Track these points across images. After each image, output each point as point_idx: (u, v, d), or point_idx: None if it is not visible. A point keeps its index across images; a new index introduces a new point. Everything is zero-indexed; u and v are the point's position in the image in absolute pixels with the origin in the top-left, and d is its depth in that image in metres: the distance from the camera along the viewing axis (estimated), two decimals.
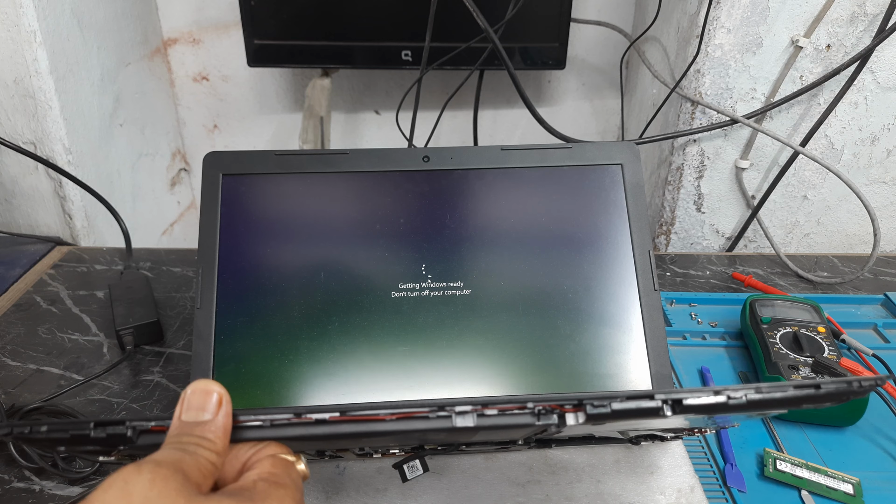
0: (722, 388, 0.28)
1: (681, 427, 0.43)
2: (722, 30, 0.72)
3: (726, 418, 0.38)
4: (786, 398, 0.28)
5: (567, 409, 0.29)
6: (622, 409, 0.28)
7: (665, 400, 0.28)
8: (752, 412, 0.31)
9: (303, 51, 0.90)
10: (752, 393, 0.28)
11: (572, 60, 1.03)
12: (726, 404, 0.28)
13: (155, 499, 0.22)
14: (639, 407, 0.28)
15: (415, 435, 0.31)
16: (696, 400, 0.28)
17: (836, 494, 0.48)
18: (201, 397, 0.27)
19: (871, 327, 0.68)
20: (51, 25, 0.75)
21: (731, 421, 0.39)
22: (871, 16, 0.70)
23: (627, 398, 0.28)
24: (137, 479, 0.22)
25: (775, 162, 0.80)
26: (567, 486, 0.49)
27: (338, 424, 0.28)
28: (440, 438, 0.34)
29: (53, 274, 0.75)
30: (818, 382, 0.28)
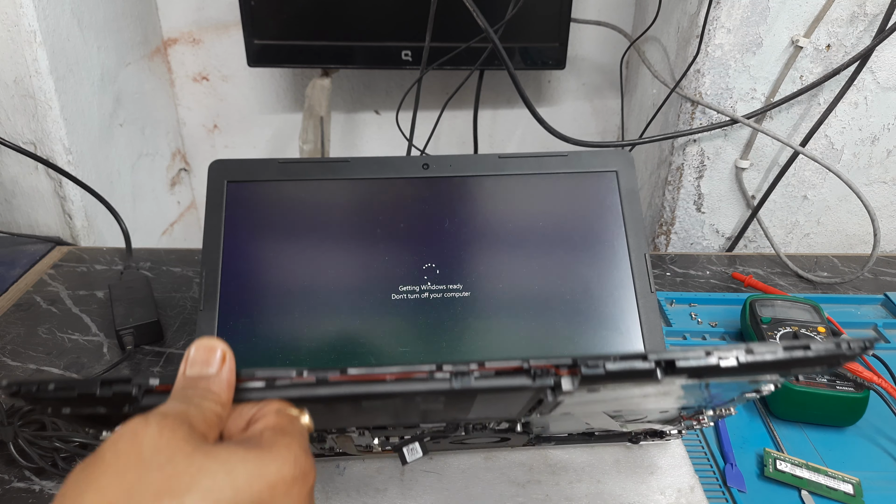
0: (713, 348, 0.28)
1: (676, 414, 0.43)
2: (722, 30, 0.72)
3: (722, 398, 0.38)
4: (777, 361, 0.28)
5: (562, 371, 0.29)
6: (616, 369, 0.28)
7: (658, 361, 0.28)
8: (745, 376, 0.31)
9: (303, 51, 0.90)
10: (742, 354, 0.28)
11: (572, 60, 1.03)
12: (717, 366, 0.28)
13: (164, 447, 0.22)
14: (632, 368, 0.28)
15: (415, 403, 0.31)
16: (688, 362, 0.28)
17: (836, 494, 0.48)
18: (205, 353, 0.28)
19: (871, 327, 0.68)
20: (51, 25, 0.75)
21: (725, 399, 0.39)
22: (871, 16, 0.70)
23: (621, 359, 0.28)
24: (146, 430, 0.23)
25: (775, 162, 0.80)
26: (567, 486, 0.49)
27: (339, 385, 0.28)
28: (439, 411, 0.33)
29: (53, 274, 0.75)
30: (808, 343, 0.28)
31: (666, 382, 0.29)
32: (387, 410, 0.33)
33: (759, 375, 0.32)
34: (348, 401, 0.29)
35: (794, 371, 0.31)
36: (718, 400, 0.39)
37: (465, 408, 0.33)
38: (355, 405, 0.31)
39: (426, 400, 0.31)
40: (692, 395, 0.34)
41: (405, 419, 0.36)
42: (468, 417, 0.36)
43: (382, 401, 0.30)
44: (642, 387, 0.30)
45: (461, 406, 0.33)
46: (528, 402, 0.33)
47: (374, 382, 0.28)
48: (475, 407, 0.33)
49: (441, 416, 0.35)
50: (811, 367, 0.31)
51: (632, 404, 0.38)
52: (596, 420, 0.43)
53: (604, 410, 0.39)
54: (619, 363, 0.28)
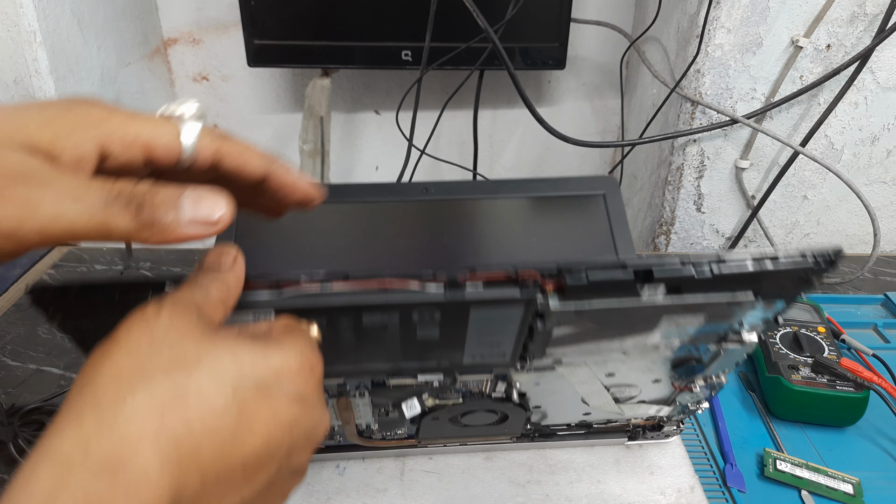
0: (686, 258, 0.31)
1: (669, 390, 0.44)
2: (722, 30, 0.72)
3: (705, 349, 0.39)
4: (747, 273, 0.31)
5: (548, 283, 0.31)
6: (597, 279, 0.31)
7: (636, 270, 0.31)
8: (721, 293, 0.33)
9: (303, 51, 0.90)
10: (716, 265, 0.31)
11: (572, 60, 1.03)
12: (693, 277, 0.31)
13: (174, 330, 0.24)
14: (612, 278, 0.31)
15: (412, 329, 0.32)
16: (664, 271, 0.31)
17: (836, 494, 0.48)
18: (218, 255, 0.28)
19: (871, 327, 0.68)
20: (51, 25, 0.75)
21: (709, 352, 0.40)
22: (871, 16, 0.70)
23: (601, 267, 0.31)
24: (158, 314, 0.24)
25: (775, 162, 0.80)
26: (567, 486, 0.49)
27: (343, 296, 0.30)
28: (435, 344, 0.35)
29: (53, 274, 0.75)
30: (775, 255, 0.31)
31: (646, 296, 0.32)
32: (386, 341, 0.34)
33: (736, 291, 0.33)
34: (350, 314, 0.30)
35: (767, 288, 0.33)
36: (702, 350, 0.39)
37: (460, 339, 0.34)
38: (357, 329, 0.32)
39: (422, 322, 0.32)
40: (674, 337, 0.36)
41: (404, 356, 0.36)
42: (463, 362, 0.37)
43: (382, 315, 0.31)
44: (629, 318, 0.33)
45: (455, 335, 0.34)
46: (519, 330, 0.34)
47: (375, 292, 0.30)
48: (468, 343, 0.34)
49: (437, 353, 0.36)
50: (784, 285, 0.33)
51: (622, 364, 0.39)
52: (592, 394, 0.43)
53: (598, 376, 0.40)
54: (600, 271, 0.31)
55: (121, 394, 0.21)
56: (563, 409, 0.47)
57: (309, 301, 0.30)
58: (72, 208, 0.22)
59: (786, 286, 0.33)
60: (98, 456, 0.20)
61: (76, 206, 0.22)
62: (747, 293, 0.33)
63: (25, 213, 0.22)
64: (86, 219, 0.23)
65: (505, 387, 0.42)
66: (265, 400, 0.24)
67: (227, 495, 0.23)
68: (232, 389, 0.23)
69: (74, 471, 0.20)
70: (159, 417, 0.21)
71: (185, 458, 0.21)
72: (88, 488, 0.20)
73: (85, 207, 0.23)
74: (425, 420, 0.45)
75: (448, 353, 0.36)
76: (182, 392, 0.22)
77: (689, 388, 0.44)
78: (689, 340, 0.37)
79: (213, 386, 0.23)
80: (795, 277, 0.32)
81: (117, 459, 0.20)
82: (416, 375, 0.39)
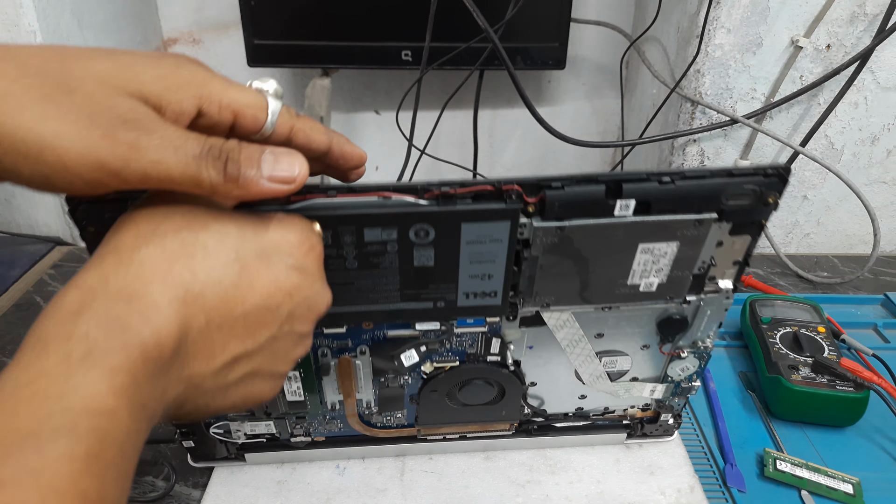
0: (652, 172, 0.35)
1: (661, 366, 0.46)
2: (722, 30, 0.72)
3: (688, 305, 0.42)
4: (706, 185, 0.35)
5: (529, 197, 0.35)
6: (574, 192, 0.34)
7: (607, 182, 0.34)
8: (687, 214, 0.36)
9: (303, 51, 0.90)
10: (678, 178, 0.35)
11: (572, 60, 1.03)
12: (658, 188, 0.35)
13: (188, 203, 0.27)
14: (586, 190, 0.34)
15: (409, 252, 0.35)
16: (631, 185, 0.35)
17: (836, 494, 0.48)
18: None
19: (871, 327, 0.68)
20: (51, 25, 0.75)
21: (688, 314, 0.42)
22: (871, 16, 0.70)
23: (576, 182, 0.34)
24: (174, 193, 0.27)
25: (775, 162, 0.80)
26: (567, 486, 0.49)
27: (345, 206, 0.33)
28: (431, 273, 0.37)
29: (53, 274, 0.75)
30: (730, 170, 0.35)
31: (619, 211, 0.35)
32: (386, 273, 0.36)
33: (702, 222, 0.36)
34: (353, 227, 0.34)
35: (728, 209, 0.36)
36: (684, 307, 0.42)
37: (453, 270, 0.37)
38: (359, 249, 0.35)
39: (419, 243, 0.35)
40: (651, 272, 0.39)
41: (403, 296, 0.38)
42: (457, 304, 0.39)
43: (382, 231, 0.34)
44: (606, 231, 0.36)
45: (449, 264, 0.36)
46: (507, 258, 0.36)
47: (376, 204, 0.33)
48: (461, 276, 0.37)
49: (433, 288, 0.38)
50: (744, 206, 0.36)
51: (609, 326, 0.42)
52: (583, 362, 0.45)
53: (586, 337, 0.43)
54: (575, 184, 0.34)
55: (137, 245, 0.25)
56: (558, 392, 0.47)
57: (316, 211, 0.32)
58: (172, 156, 0.25)
59: (746, 207, 0.36)
60: (116, 287, 0.24)
61: (175, 155, 0.25)
62: (711, 214, 0.36)
63: (132, 156, 0.24)
64: (182, 167, 0.25)
65: (499, 346, 0.43)
66: (265, 264, 0.27)
67: (231, 342, 0.27)
68: (235, 251, 0.27)
69: (97, 296, 0.23)
70: (168, 264, 0.25)
71: (191, 299, 0.25)
72: (108, 311, 0.23)
73: (182, 157, 0.25)
74: (424, 394, 0.46)
75: (443, 289, 0.38)
76: (189, 247, 0.26)
77: (677, 354, 0.45)
78: (667, 279, 0.39)
79: (217, 245, 0.26)
80: (753, 196, 0.36)
81: (132, 291, 0.24)
82: (414, 325, 0.41)
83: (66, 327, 0.22)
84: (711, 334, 0.44)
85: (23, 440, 0.20)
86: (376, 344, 0.43)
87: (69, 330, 0.22)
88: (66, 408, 0.20)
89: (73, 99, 0.24)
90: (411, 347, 0.43)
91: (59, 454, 0.20)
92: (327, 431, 0.49)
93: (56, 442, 0.20)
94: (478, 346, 0.44)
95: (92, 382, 0.21)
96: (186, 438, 0.47)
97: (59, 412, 0.20)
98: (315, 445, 0.50)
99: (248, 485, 0.49)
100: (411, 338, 0.42)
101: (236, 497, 0.48)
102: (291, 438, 0.49)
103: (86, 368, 0.21)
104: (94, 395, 0.21)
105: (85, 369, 0.21)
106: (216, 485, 0.49)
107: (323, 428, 0.48)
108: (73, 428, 0.20)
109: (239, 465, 0.50)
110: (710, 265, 0.40)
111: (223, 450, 0.49)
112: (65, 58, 0.25)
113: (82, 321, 0.23)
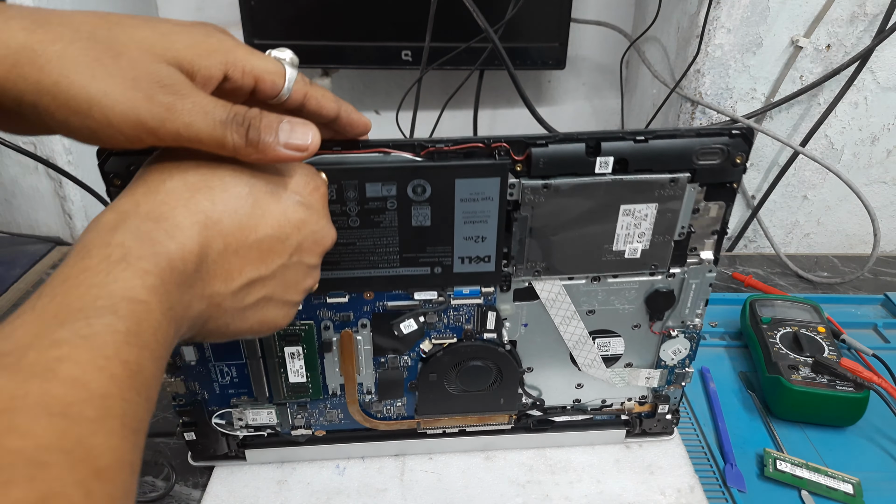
0: (626, 131, 0.38)
1: (653, 348, 0.47)
2: (722, 30, 0.72)
3: (673, 278, 0.44)
4: (677, 144, 0.38)
5: (518, 157, 0.38)
6: (556, 150, 0.38)
7: (587, 140, 0.38)
8: (662, 174, 0.39)
9: (303, 50, 0.90)
10: (651, 137, 0.38)
11: (572, 60, 1.03)
12: (633, 146, 0.38)
13: (202, 156, 0.30)
14: (568, 148, 0.38)
15: (407, 190, 0.38)
16: (609, 143, 0.38)
17: (837, 494, 0.48)
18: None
19: (871, 327, 0.68)
20: None
21: (674, 288, 0.44)
22: (871, 16, 0.70)
23: (558, 140, 0.38)
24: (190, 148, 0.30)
25: (775, 162, 0.80)
26: (567, 486, 0.49)
27: (353, 158, 0.37)
28: (427, 231, 0.40)
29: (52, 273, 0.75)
30: (700, 129, 0.38)
31: (598, 168, 0.38)
32: (386, 233, 0.39)
33: (676, 181, 0.39)
34: (357, 180, 0.37)
35: (700, 160, 0.39)
36: (669, 281, 0.44)
37: (448, 230, 0.39)
38: (361, 206, 0.38)
39: (416, 199, 0.38)
40: (634, 236, 0.41)
41: (402, 260, 0.40)
42: (453, 269, 0.41)
43: (383, 186, 0.37)
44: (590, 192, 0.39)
45: (444, 224, 0.39)
46: (499, 218, 0.39)
47: (378, 160, 0.37)
48: (456, 237, 0.40)
49: (430, 252, 0.40)
50: (713, 167, 0.39)
51: (598, 300, 0.44)
52: (578, 342, 0.46)
53: (578, 313, 0.44)
54: (558, 144, 0.38)
55: (163, 178, 0.29)
56: (555, 381, 0.48)
57: (323, 165, 0.36)
58: (202, 120, 0.28)
59: (716, 167, 0.39)
60: (145, 210, 0.28)
61: (205, 119, 0.28)
62: (685, 174, 0.39)
63: (168, 116, 0.28)
64: (209, 130, 0.28)
65: (495, 320, 0.44)
66: (275, 199, 0.31)
67: (246, 267, 0.30)
68: (248, 186, 0.30)
69: (129, 216, 0.27)
70: (190, 193, 0.29)
71: (210, 224, 0.29)
72: (139, 227, 0.27)
73: (210, 121, 0.28)
74: (422, 378, 0.46)
75: (440, 252, 0.41)
76: (209, 181, 0.29)
77: (668, 332, 0.46)
78: (650, 244, 0.42)
79: (233, 180, 0.30)
80: (721, 154, 0.39)
81: (160, 213, 0.28)
82: (412, 295, 0.43)
83: (104, 237, 0.26)
84: (699, 312, 0.46)
85: (75, 313, 0.23)
86: (377, 316, 0.44)
87: (107, 240, 0.26)
88: (108, 293, 0.24)
89: (119, 63, 0.27)
90: (410, 317, 0.44)
91: (104, 326, 0.23)
92: (328, 423, 0.49)
93: (102, 317, 0.23)
94: (474, 322, 0.45)
95: (128, 278, 0.25)
96: (188, 430, 0.47)
97: (103, 297, 0.24)
98: (316, 442, 0.50)
99: (248, 485, 0.49)
100: (410, 308, 0.44)
101: (236, 497, 0.48)
102: (292, 431, 0.49)
103: (122, 268, 0.25)
104: (130, 287, 0.25)
105: (121, 269, 0.25)
106: (216, 485, 0.49)
107: (323, 419, 0.48)
108: (114, 309, 0.24)
109: (239, 464, 0.50)
110: (689, 232, 0.42)
111: (223, 445, 0.49)
112: (111, 24, 0.29)
113: (118, 234, 0.26)
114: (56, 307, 0.24)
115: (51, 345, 0.22)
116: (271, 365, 0.45)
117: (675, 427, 0.52)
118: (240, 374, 0.45)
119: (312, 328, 0.44)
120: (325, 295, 0.42)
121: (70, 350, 0.22)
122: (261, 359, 0.45)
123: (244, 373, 0.45)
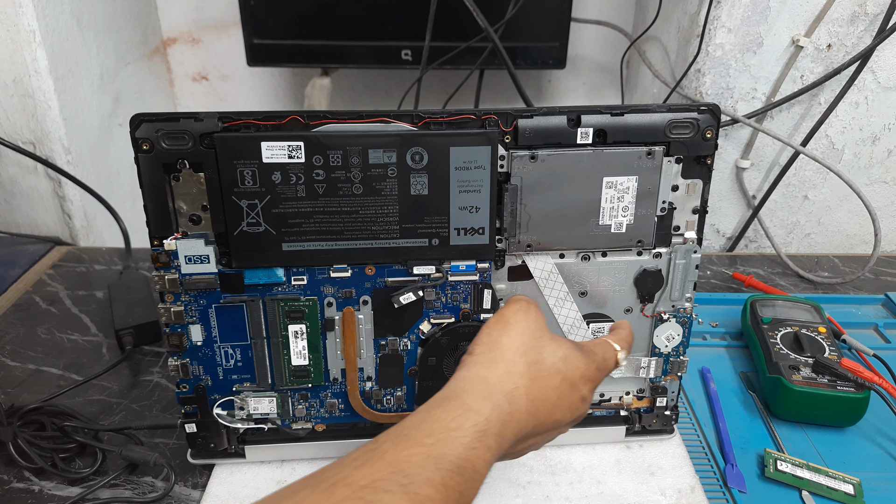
0: (605, 106, 0.43)
1: (646, 333, 0.48)
2: (722, 29, 0.72)
3: (659, 257, 0.46)
4: (652, 118, 0.42)
5: (506, 129, 0.42)
6: (541, 123, 0.42)
7: (568, 113, 0.42)
8: (638, 146, 0.43)
9: (302, 50, 0.90)
10: (627, 111, 0.42)
11: (572, 60, 1.03)
12: (610, 119, 0.42)
13: (538, 321, 0.40)
14: (552, 120, 0.42)
15: (406, 158, 0.41)
16: (589, 116, 0.42)
17: (837, 495, 0.48)
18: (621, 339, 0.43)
19: (872, 327, 0.68)
20: (50, 25, 0.75)
21: (661, 268, 0.46)
22: (872, 16, 0.70)
23: (542, 113, 0.42)
24: (529, 308, 0.41)
25: (776, 162, 0.80)
26: (567, 486, 0.49)
27: (357, 128, 0.41)
28: (425, 201, 0.43)
29: (53, 274, 0.75)
30: (671, 105, 0.42)
31: (580, 139, 0.42)
32: (386, 202, 0.42)
33: (652, 154, 0.43)
34: (361, 147, 0.40)
35: (673, 133, 0.42)
36: (656, 261, 0.46)
37: (444, 200, 0.42)
38: (364, 173, 0.41)
39: (415, 168, 0.41)
40: (618, 211, 0.44)
41: (402, 231, 0.43)
42: (450, 242, 0.44)
43: (384, 153, 0.41)
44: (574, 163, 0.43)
45: (440, 193, 0.42)
46: (491, 189, 0.42)
47: (378, 130, 0.41)
48: (452, 208, 0.43)
49: (428, 223, 0.43)
50: (686, 141, 0.43)
51: (589, 280, 0.46)
52: (572, 326, 0.47)
53: (571, 294, 0.46)
54: (542, 116, 0.42)
55: (508, 357, 0.38)
56: None
57: (331, 134, 0.40)
58: None
59: (688, 140, 0.43)
60: (494, 386, 0.37)
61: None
62: (660, 147, 0.43)
63: None
64: None
65: (491, 298, 0.46)
66: (572, 391, 0.39)
67: (535, 438, 0.39)
68: (561, 378, 0.38)
69: (477, 388, 0.36)
70: (527, 380, 0.38)
71: (533, 411, 0.37)
72: (483, 402, 0.35)
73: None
74: (422, 363, 0.47)
75: (437, 223, 0.43)
76: (537, 371, 0.38)
77: (659, 315, 0.48)
78: (635, 219, 0.44)
79: (553, 372, 0.38)
80: (692, 128, 0.42)
81: (508, 393, 0.37)
82: (411, 269, 0.45)
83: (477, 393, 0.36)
84: (689, 296, 0.48)
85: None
86: (377, 292, 0.45)
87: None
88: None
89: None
90: (409, 290, 0.45)
91: None
92: (328, 414, 0.49)
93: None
94: (471, 301, 0.46)
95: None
96: (189, 421, 0.47)
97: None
98: (315, 437, 0.49)
99: (248, 485, 0.49)
100: (409, 282, 0.46)
101: (236, 497, 0.48)
102: (292, 425, 0.49)
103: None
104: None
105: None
106: (216, 485, 0.49)
107: (324, 410, 0.48)
108: None
109: (238, 464, 0.50)
110: (671, 208, 0.45)
111: (224, 440, 0.49)
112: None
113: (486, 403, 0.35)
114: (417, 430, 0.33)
115: None
116: (274, 345, 0.46)
117: (675, 425, 0.52)
118: (244, 356, 0.46)
119: (316, 304, 0.45)
120: (329, 268, 0.44)
121: None
122: (265, 339, 0.46)
123: (248, 355, 0.46)
